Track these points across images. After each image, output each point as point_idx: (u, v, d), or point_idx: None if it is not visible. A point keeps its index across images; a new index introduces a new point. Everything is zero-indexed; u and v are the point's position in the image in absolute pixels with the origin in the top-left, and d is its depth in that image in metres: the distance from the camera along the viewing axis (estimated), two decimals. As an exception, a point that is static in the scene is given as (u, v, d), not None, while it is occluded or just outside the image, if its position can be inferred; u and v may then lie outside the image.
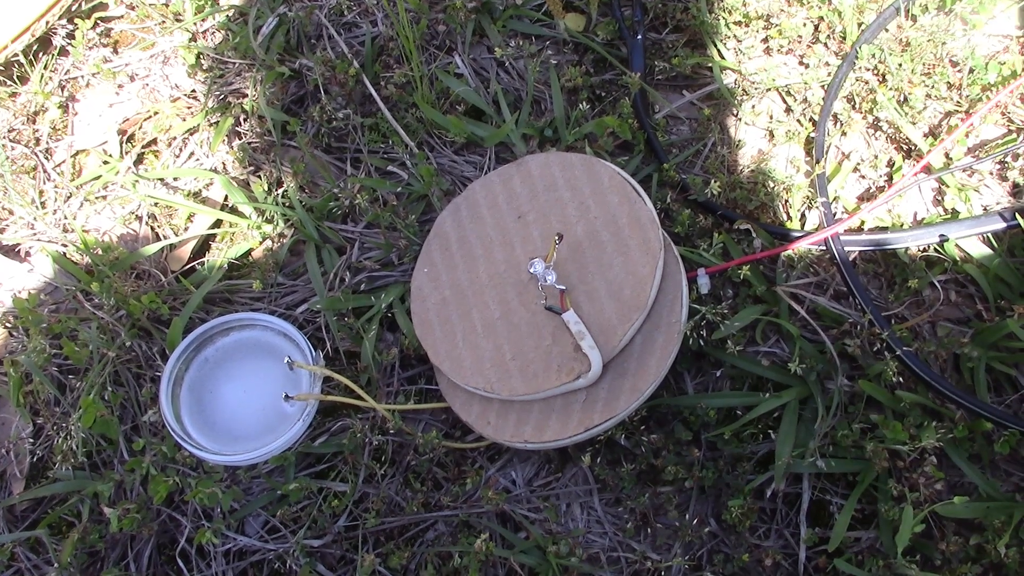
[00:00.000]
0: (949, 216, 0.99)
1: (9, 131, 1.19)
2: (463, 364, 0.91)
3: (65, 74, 1.23)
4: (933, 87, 1.04)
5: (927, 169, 1.00)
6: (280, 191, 1.07)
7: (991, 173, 1.01)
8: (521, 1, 1.13)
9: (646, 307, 0.87)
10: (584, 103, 1.05)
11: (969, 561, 0.83)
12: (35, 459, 0.98)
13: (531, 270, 0.91)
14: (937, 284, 0.95)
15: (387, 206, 1.02)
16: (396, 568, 0.88)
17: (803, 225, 1.00)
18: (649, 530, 0.90)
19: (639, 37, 1.10)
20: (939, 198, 1.01)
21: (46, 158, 1.17)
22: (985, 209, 0.99)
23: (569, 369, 0.86)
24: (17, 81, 1.22)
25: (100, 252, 1.04)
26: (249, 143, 1.12)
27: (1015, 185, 1.00)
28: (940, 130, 1.03)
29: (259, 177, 1.09)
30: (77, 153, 1.18)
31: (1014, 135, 1.02)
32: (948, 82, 1.04)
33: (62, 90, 1.22)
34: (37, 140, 1.19)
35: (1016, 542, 0.82)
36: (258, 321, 0.98)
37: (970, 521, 0.85)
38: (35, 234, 1.12)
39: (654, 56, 1.12)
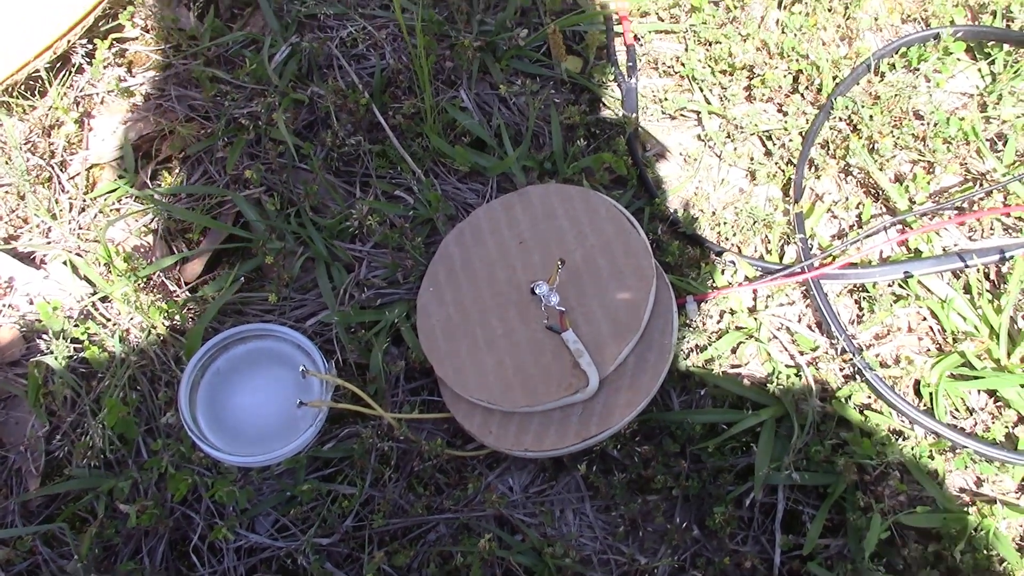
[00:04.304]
0: (912, 255, 1.08)
1: (25, 143, 1.23)
2: (467, 377, 0.97)
3: (80, 91, 1.27)
4: (900, 137, 1.13)
5: (893, 212, 1.09)
6: (292, 210, 1.13)
7: (950, 217, 1.11)
8: (524, 43, 1.21)
9: (640, 329, 0.94)
10: (581, 139, 1.13)
11: (928, 566, 0.89)
12: (50, 457, 1.02)
13: (536, 291, 0.98)
14: (902, 316, 1.04)
15: (395, 228, 1.09)
16: (401, 566, 0.94)
17: (782, 258, 1.08)
18: (639, 534, 0.96)
19: (633, 81, 1.18)
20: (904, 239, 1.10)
21: (61, 170, 1.22)
22: (944, 250, 1.08)
23: (568, 384, 0.93)
24: (37, 95, 1.26)
25: (116, 263, 1.09)
26: (263, 164, 1.17)
27: (971, 228, 1.10)
28: (906, 176, 1.13)
29: (271, 196, 1.14)
30: (92, 167, 1.22)
31: (970, 183, 1.12)
32: (913, 133, 1.14)
33: (77, 106, 1.26)
34: (52, 152, 1.23)
35: (970, 549, 0.89)
36: (273, 332, 1.03)
37: (929, 530, 0.92)
38: (50, 242, 1.16)
39: (646, 98, 1.21)
